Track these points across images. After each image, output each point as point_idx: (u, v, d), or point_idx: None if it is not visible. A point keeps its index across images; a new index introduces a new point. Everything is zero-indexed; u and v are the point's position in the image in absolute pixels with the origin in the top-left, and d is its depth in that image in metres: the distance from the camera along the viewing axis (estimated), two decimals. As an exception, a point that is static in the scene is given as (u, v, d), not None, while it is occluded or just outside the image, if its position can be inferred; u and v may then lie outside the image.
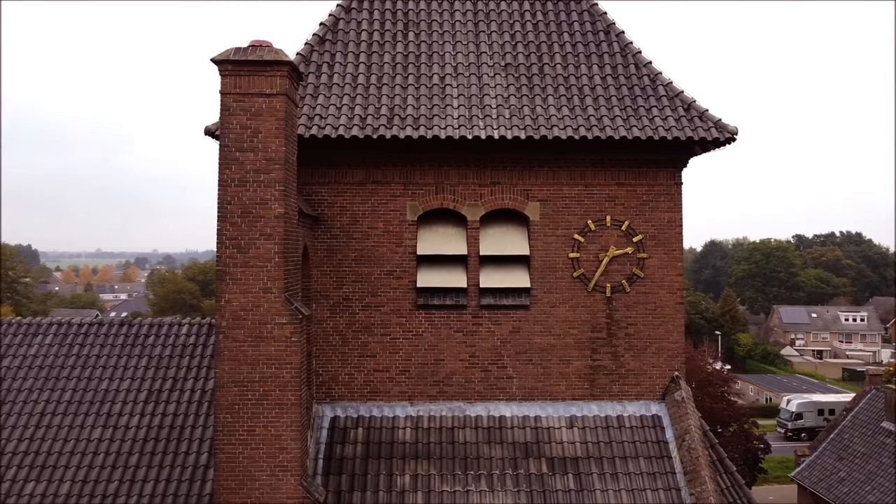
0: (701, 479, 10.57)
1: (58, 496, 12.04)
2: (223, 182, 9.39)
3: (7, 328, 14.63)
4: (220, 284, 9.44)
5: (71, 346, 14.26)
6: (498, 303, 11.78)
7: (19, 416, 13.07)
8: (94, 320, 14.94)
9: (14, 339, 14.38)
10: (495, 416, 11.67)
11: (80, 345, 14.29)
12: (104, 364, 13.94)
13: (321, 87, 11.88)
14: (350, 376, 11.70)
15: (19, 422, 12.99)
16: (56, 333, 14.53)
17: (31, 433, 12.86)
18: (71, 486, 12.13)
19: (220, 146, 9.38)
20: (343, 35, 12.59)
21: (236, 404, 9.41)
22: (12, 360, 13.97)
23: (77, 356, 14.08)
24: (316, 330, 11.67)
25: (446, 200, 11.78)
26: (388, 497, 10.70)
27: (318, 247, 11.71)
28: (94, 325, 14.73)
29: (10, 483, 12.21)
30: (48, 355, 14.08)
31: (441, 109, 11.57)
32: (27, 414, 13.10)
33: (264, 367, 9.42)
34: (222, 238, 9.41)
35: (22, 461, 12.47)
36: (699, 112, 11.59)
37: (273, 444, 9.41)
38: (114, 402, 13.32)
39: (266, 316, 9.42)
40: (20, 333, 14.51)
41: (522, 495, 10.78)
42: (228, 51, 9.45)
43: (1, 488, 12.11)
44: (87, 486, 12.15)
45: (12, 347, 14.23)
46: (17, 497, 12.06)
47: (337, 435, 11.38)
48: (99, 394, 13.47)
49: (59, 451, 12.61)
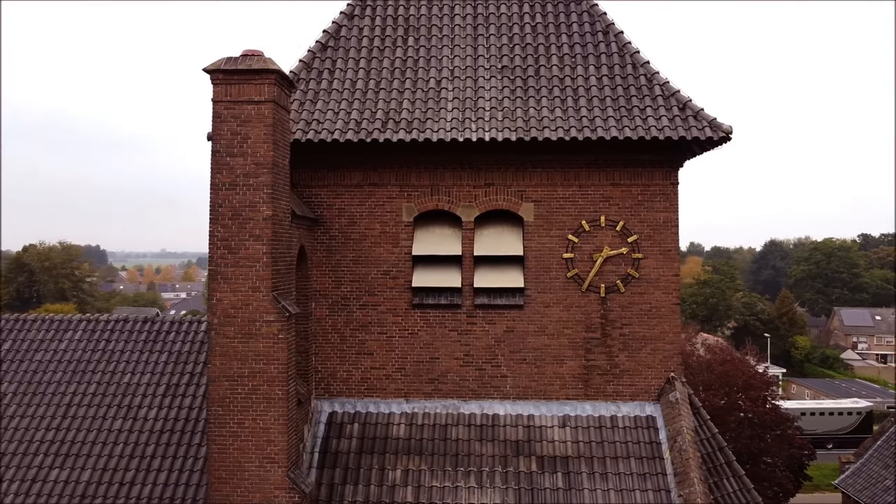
0: (690, 481, 10.51)
1: (79, 482, 12.76)
2: (214, 186, 9.85)
3: (41, 324, 15.53)
4: (211, 283, 9.91)
5: (98, 341, 15.05)
6: (492, 302, 11.94)
7: (48, 407, 13.88)
8: (120, 317, 15.71)
9: (46, 335, 15.26)
10: (489, 414, 11.84)
11: (105, 340, 15.08)
12: (127, 359, 14.67)
13: (321, 93, 12.27)
14: (348, 373, 12.05)
15: (48, 412, 13.80)
16: (85, 329, 15.35)
17: (59, 423, 13.65)
18: (91, 474, 12.83)
19: (211, 151, 9.83)
20: (345, 41, 12.95)
21: (227, 398, 9.86)
22: (44, 355, 14.84)
23: (103, 351, 14.86)
24: (315, 328, 12.07)
25: (441, 202, 12.00)
26: (379, 491, 11.00)
27: (317, 247, 12.10)
28: (120, 322, 15.50)
29: (37, 469, 12.99)
30: (76, 350, 14.90)
31: (435, 112, 11.80)
32: (55, 405, 13.90)
33: (253, 362, 9.84)
34: (214, 239, 9.87)
35: (48, 449, 13.25)
36: (694, 111, 11.50)
37: (261, 436, 9.82)
38: (134, 395, 14.01)
39: (255, 314, 9.84)
40: (52, 329, 15.39)
41: (511, 493, 10.92)
42: (220, 60, 9.90)
43: (28, 474, 12.91)
44: (105, 473, 12.84)
45: (45, 342, 15.11)
46: (43, 483, 12.82)
47: (333, 430, 11.75)
48: (121, 387, 14.19)
49: (82, 441, 13.35)
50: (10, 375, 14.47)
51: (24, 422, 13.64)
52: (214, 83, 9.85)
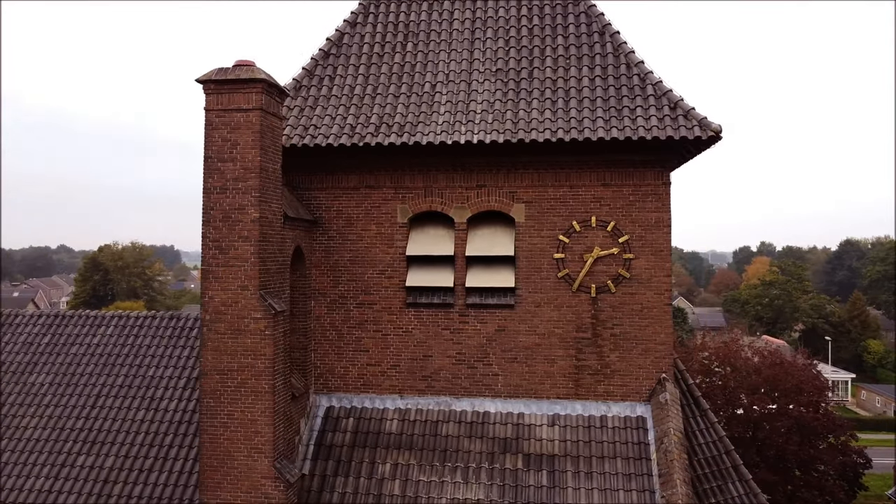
0: (672, 482, 10.47)
1: (102, 468, 13.62)
2: (206, 190, 10.42)
3: (78, 319, 16.59)
4: (204, 282, 10.49)
5: (127, 336, 15.98)
6: (483, 302, 12.14)
7: (79, 398, 14.85)
8: (149, 314, 16.61)
9: (82, 330, 16.30)
10: (480, 411, 12.04)
11: (134, 336, 15.99)
12: (152, 353, 15.54)
13: (320, 99, 12.74)
14: (345, 369, 12.48)
15: (79, 402, 14.77)
16: (116, 325, 16.32)
17: (87, 413, 14.58)
18: (114, 461, 13.68)
19: (204, 157, 10.40)
20: (346, 48, 13.39)
21: (217, 390, 10.42)
22: (78, 349, 15.86)
23: (131, 346, 15.78)
24: (314, 325, 12.55)
25: (434, 203, 12.28)
26: (368, 484, 11.37)
27: (315, 248, 12.57)
28: (148, 318, 16.41)
29: (66, 455, 13.94)
30: (107, 344, 15.86)
31: (427, 116, 12.10)
32: (86, 395, 14.86)
33: (242, 357, 10.36)
34: (206, 240, 10.45)
35: (77, 436, 14.18)
36: (684, 111, 11.42)
37: (249, 427, 10.34)
38: (157, 388, 14.84)
39: (243, 311, 10.36)
40: (87, 325, 16.42)
41: (495, 489, 11.11)
42: (211, 71, 10.47)
43: (58, 459, 13.87)
44: (127, 460, 13.66)
45: (80, 337, 16.15)
46: (70, 468, 13.74)
47: (329, 423, 12.19)
48: (145, 380, 15.04)
49: (107, 430, 14.23)
50: (47, 367, 15.54)
51: (58, 410, 14.64)
52: (206, 93, 10.42)
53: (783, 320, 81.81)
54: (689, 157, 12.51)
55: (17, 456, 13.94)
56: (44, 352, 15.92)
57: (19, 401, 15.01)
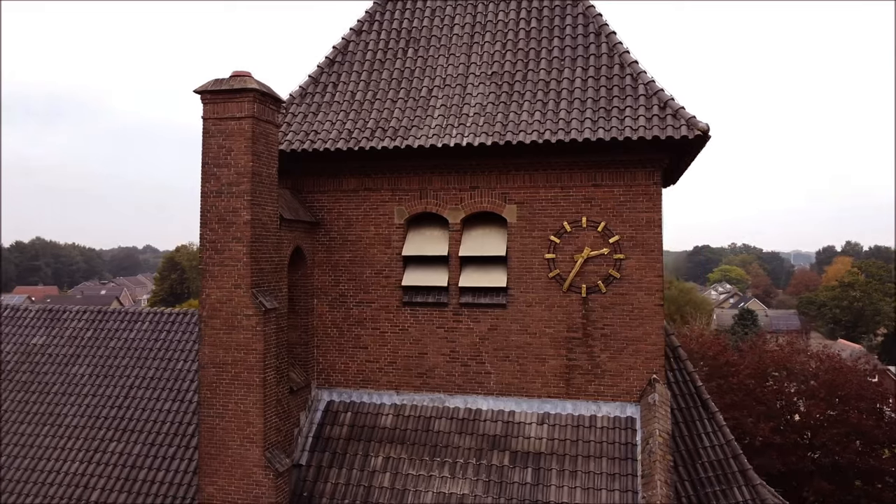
0: (653, 483, 10.44)
1: (131, 455, 14.58)
2: (204, 194, 11.08)
3: (117, 315, 17.74)
4: (202, 280, 11.15)
5: (160, 332, 16.98)
6: (476, 301, 12.37)
7: (114, 388, 15.91)
8: (181, 311, 17.57)
9: (121, 325, 17.41)
10: (472, 408, 12.28)
11: (167, 331, 16.98)
12: (182, 348, 16.48)
13: (323, 106, 13.26)
14: (345, 365, 12.95)
15: (113, 392, 15.82)
16: (151, 321, 17.36)
17: (121, 402, 15.62)
18: (141, 448, 14.62)
19: (202, 163, 11.06)
20: (351, 56, 13.87)
21: (214, 383, 11.06)
22: (116, 342, 16.96)
23: (163, 340, 16.76)
24: (317, 323, 13.07)
25: (429, 205, 12.59)
26: (360, 475, 11.80)
27: (318, 248, 13.09)
28: (180, 315, 17.37)
29: (99, 441, 14.98)
30: (142, 339, 16.90)
31: (421, 120, 12.42)
32: (120, 387, 15.90)
33: (235, 352, 10.96)
34: (204, 241, 11.10)
35: (110, 424, 15.22)
36: (673, 110, 11.33)
37: (242, 418, 10.93)
38: (184, 381, 15.74)
39: (237, 308, 10.96)
40: (125, 321, 17.52)
41: (480, 485, 11.33)
42: (208, 82, 11.11)
43: (92, 445, 14.92)
44: (153, 448, 14.57)
45: (118, 332, 17.26)
46: (103, 454, 14.76)
47: (329, 417, 12.69)
48: (174, 373, 15.97)
49: (137, 419, 15.22)
50: (88, 360, 16.70)
51: (94, 400, 15.73)
52: (204, 102, 11.08)
53: (863, 324, 77.78)
54: (689, 157, 12.38)
55: (56, 441, 15.08)
56: (86, 345, 17.11)
57: (62, 390, 16.20)
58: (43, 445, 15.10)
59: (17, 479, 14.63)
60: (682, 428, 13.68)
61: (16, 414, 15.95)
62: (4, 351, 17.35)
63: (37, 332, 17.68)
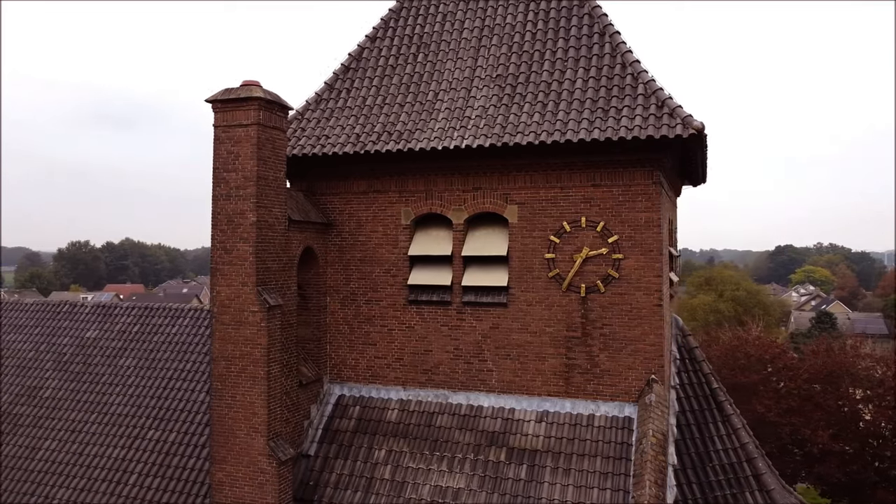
0: (643, 483, 10.43)
1: (166, 442, 15.53)
2: (215, 197, 11.76)
3: (162, 311, 18.85)
4: (212, 278, 11.84)
5: (199, 327, 17.95)
6: (478, 300, 12.60)
7: (155, 380, 16.96)
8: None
9: (165, 321, 18.50)
10: (474, 405, 12.53)
11: (204, 327, 17.93)
12: (218, 343, 17.37)
13: (335, 111, 13.78)
14: (356, 361, 13.43)
15: (155, 384, 16.87)
16: (192, 317, 18.38)
17: (160, 393, 16.64)
18: (176, 436, 15.56)
19: (213, 168, 11.75)
20: (365, 62, 14.34)
21: (224, 375, 11.73)
22: (160, 337, 18.05)
23: (202, 336, 17.72)
24: (329, 319, 13.61)
25: (434, 206, 12.91)
26: (363, 467, 12.24)
27: (330, 248, 13.63)
28: (218, 312, 18.30)
29: (139, 429, 16.02)
30: (183, 334, 17.92)
31: (425, 123, 12.76)
32: (160, 378, 16.93)
33: (242, 346, 11.60)
34: (214, 242, 11.79)
35: (150, 413, 16.25)
36: (670, 109, 11.25)
37: (248, 409, 11.56)
38: (218, 373, 16.60)
39: (243, 305, 11.59)
40: (169, 316, 18.61)
41: (476, 479, 11.58)
42: (219, 92, 11.79)
43: (132, 432, 15.97)
44: (186, 436, 15.49)
45: (162, 327, 18.35)
46: (142, 440, 15.78)
47: (339, 410, 13.19)
48: (209, 366, 16.86)
49: (174, 409, 16.18)
50: (134, 353, 17.83)
51: (138, 390, 16.81)
52: (215, 111, 11.76)
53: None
54: (693, 155, 12.24)
55: (101, 428, 16.20)
56: (133, 339, 18.26)
57: (109, 380, 17.37)
58: (90, 431, 16.25)
59: (66, 461, 15.81)
60: (693, 430, 13.52)
61: (68, 402, 17.21)
62: (62, 344, 18.73)
63: (91, 327, 18.98)
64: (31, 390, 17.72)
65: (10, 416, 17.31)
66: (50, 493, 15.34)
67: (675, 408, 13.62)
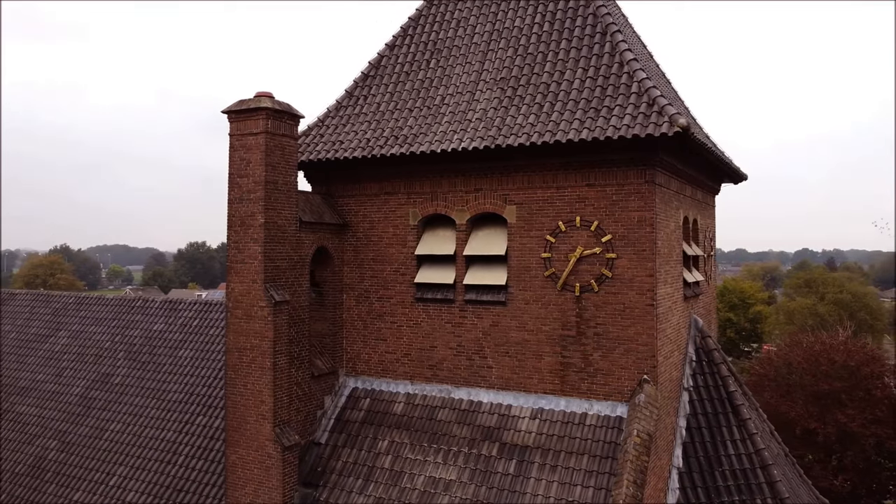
0: (621, 482, 10.43)
1: (211, 427, 16.79)
2: (230, 200, 12.73)
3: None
4: (227, 275, 12.81)
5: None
6: (479, 298, 12.91)
7: (208, 370, 18.32)
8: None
9: (220, 315, 19.89)
10: (474, 400, 12.85)
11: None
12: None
13: (352, 118, 14.48)
14: (369, 355, 14.06)
15: (208, 374, 18.23)
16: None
17: (211, 382, 17.97)
18: (220, 422, 16.77)
19: (228, 174, 12.71)
20: (382, 70, 14.96)
21: (236, 365, 12.67)
22: (215, 330, 19.43)
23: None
24: (345, 316, 14.32)
25: (439, 207, 13.33)
26: (367, 456, 12.85)
27: (346, 248, 14.33)
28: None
29: (190, 415, 17.39)
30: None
31: (430, 127, 13.21)
32: (213, 369, 18.28)
33: (252, 338, 12.49)
34: (230, 241, 12.75)
35: (200, 401, 17.60)
36: (659, 108, 11.14)
37: (257, 397, 12.43)
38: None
39: (253, 300, 12.48)
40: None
41: (466, 472, 11.91)
42: (234, 103, 12.74)
43: (183, 418, 17.37)
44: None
45: (218, 321, 19.75)
46: (191, 426, 17.12)
47: (351, 402, 13.87)
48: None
49: (221, 396, 17.43)
50: (192, 344, 19.29)
51: (192, 380, 18.19)
52: (230, 121, 12.72)
53: None
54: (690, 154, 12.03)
55: (158, 412, 17.70)
56: (192, 331, 19.76)
57: (170, 370, 18.91)
58: (149, 416, 17.79)
59: (127, 441, 17.41)
60: (704, 433, 13.25)
61: (134, 388, 18.88)
62: (133, 335, 20.53)
63: (158, 320, 20.69)
64: (104, 377, 19.57)
65: (85, 399, 19.19)
66: (110, 470, 16.94)
67: (686, 410, 13.38)
